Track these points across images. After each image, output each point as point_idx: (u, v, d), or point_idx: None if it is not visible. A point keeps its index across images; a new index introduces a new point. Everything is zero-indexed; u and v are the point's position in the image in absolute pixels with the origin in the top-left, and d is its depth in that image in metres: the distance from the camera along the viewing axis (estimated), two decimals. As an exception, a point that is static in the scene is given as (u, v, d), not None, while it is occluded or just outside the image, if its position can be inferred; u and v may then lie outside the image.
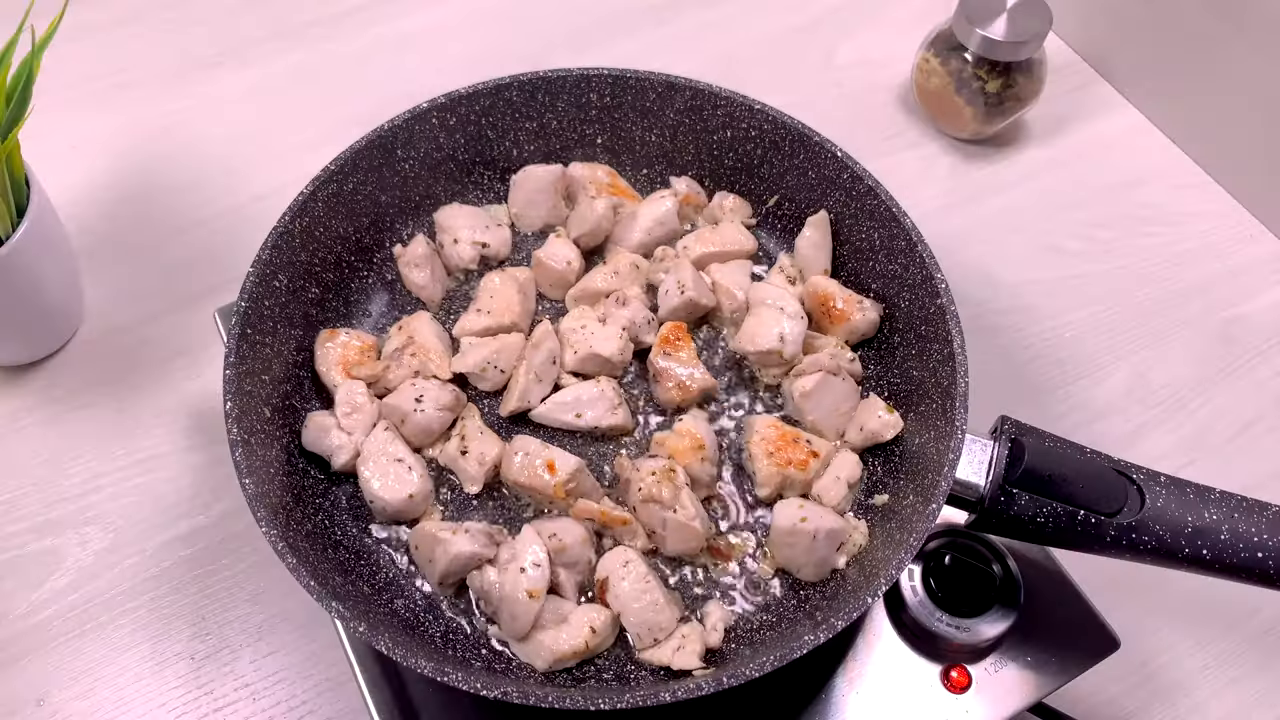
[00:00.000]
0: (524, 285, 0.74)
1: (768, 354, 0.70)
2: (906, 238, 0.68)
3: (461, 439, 0.67)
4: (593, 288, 0.74)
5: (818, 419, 0.69)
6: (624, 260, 0.75)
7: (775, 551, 0.64)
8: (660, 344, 0.70)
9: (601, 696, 0.52)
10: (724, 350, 0.74)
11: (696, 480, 0.66)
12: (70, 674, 0.69)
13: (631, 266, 0.75)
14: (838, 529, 0.63)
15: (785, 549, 0.63)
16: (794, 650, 0.53)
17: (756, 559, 0.66)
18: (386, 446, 0.65)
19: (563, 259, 0.75)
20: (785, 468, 0.65)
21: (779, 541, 0.63)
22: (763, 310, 0.71)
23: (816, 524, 0.62)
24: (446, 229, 0.76)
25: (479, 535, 0.62)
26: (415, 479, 0.65)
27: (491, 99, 0.76)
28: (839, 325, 0.72)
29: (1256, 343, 0.87)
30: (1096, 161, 0.98)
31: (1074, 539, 0.58)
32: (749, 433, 0.68)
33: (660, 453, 0.66)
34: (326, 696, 0.68)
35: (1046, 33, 0.89)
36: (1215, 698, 0.71)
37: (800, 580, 0.64)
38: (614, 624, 0.61)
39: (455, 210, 0.77)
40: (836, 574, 0.64)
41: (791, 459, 0.66)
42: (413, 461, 0.66)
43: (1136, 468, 0.59)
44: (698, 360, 0.70)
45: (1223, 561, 0.56)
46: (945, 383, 0.63)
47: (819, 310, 0.72)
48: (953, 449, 0.59)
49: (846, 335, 0.72)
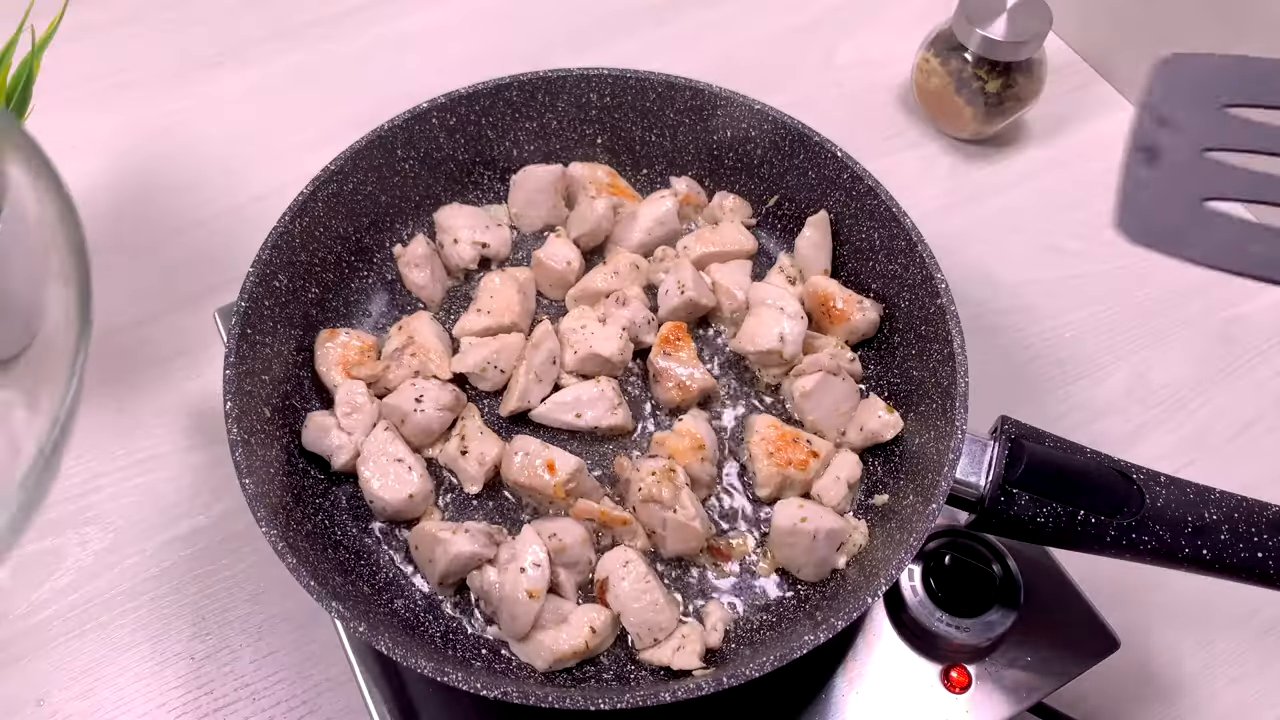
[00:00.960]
0: (524, 285, 0.74)
1: (768, 354, 0.70)
2: (906, 238, 0.68)
3: (462, 439, 0.67)
4: (593, 288, 0.74)
5: (818, 419, 0.69)
6: (624, 260, 0.75)
7: (775, 551, 0.64)
8: (660, 344, 0.70)
9: (601, 696, 0.52)
10: (724, 350, 0.74)
11: (696, 480, 0.66)
12: (70, 674, 0.69)
13: (631, 266, 0.75)
14: (838, 529, 0.63)
15: (785, 549, 0.63)
16: (794, 650, 0.53)
17: (756, 558, 0.66)
18: (386, 446, 0.66)
19: (563, 259, 0.75)
20: (785, 468, 0.65)
21: (779, 541, 0.63)
22: (763, 310, 0.71)
23: (816, 524, 0.62)
24: (446, 229, 0.76)
25: (479, 535, 0.62)
26: (415, 479, 0.65)
27: (491, 99, 0.76)
28: (839, 325, 0.72)
29: (1256, 343, 0.87)
30: (1096, 161, 0.98)
31: (1074, 539, 0.58)
32: (749, 432, 0.68)
33: (660, 453, 0.66)
34: (326, 696, 0.68)
35: (1046, 33, 0.89)
36: (1215, 698, 0.71)
37: (800, 580, 0.64)
38: (614, 624, 0.61)
39: (455, 210, 0.77)
40: (836, 574, 0.64)
41: (791, 459, 0.66)
42: (413, 461, 0.66)
43: (1136, 468, 0.59)
44: (698, 360, 0.70)
45: (1223, 561, 0.56)
46: (945, 383, 0.63)
47: (819, 310, 0.72)
48: (953, 449, 0.59)
49: (846, 335, 0.72)
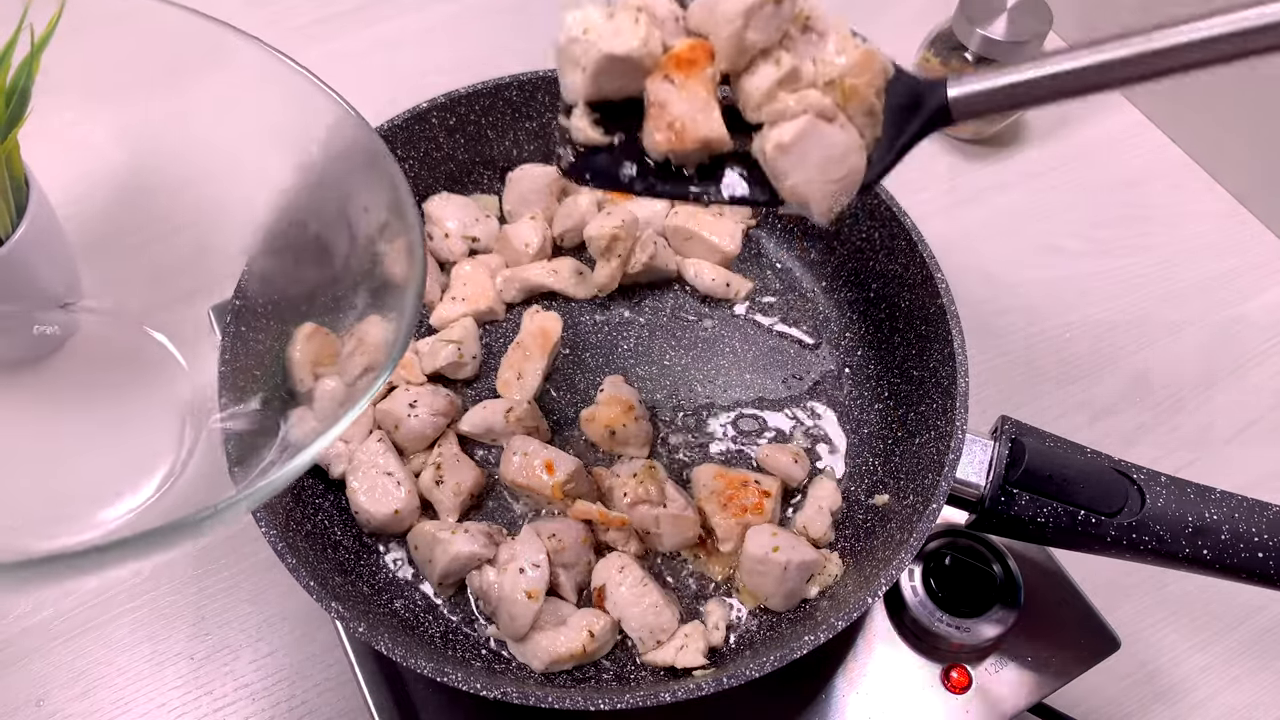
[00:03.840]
0: (495, 270, 0.76)
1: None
2: (907, 237, 0.68)
3: (437, 468, 0.66)
4: None
5: (799, 183, 0.46)
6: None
7: (745, 578, 0.63)
8: (671, 62, 0.46)
9: (601, 697, 0.52)
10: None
11: (634, 438, 0.67)
12: (70, 674, 0.69)
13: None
14: (810, 561, 0.61)
15: (755, 576, 0.62)
16: (794, 650, 0.53)
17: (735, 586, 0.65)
18: (377, 458, 0.65)
19: (523, 240, 0.75)
20: (742, 516, 0.64)
21: (749, 568, 0.62)
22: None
23: (788, 556, 0.60)
24: (436, 220, 0.76)
25: (478, 535, 0.62)
26: (402, 495, 0.64)
27: (491, 98, 0.76)
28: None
29: (1256, 343, 0.87)
30: (1096, 161, 0.98)
31: (1075, 539, 0.59)
32: (695, 487, 0.67)
33: (591, 428, 0.68)
34: (326, 696, 0.68)
35: (1046, 33, 0.89)
36: (1215, 698, 0.71)
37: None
38: (613, 629, 0.61)
39: (445, 200, 0.77)
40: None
41: (746, 505, 0.64)
42: (402, 476, 0.65)
43: (1137, 468, 0.59)
44: (713, 101, 0.46)
45: (1223, 561, 0.56)
46: (945, 382, 0.63)
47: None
48: (953, 449, 0.59)
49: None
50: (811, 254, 0.78)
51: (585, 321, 0.75)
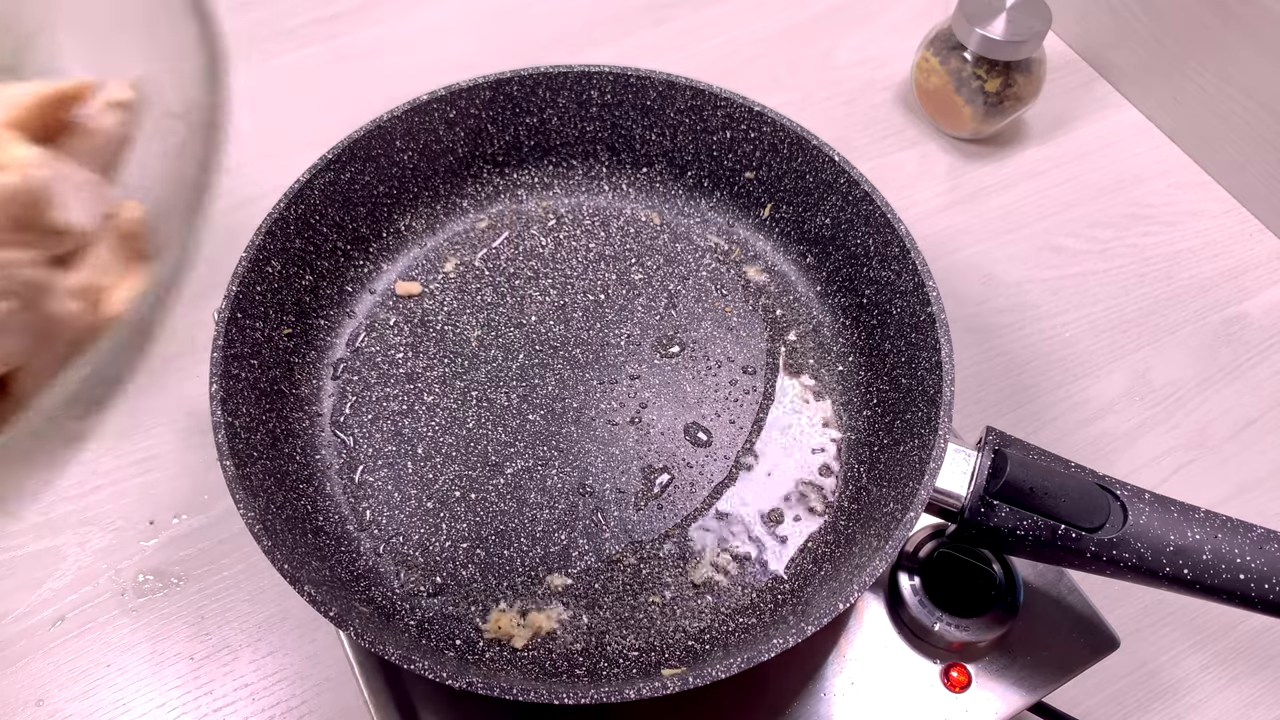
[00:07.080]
0: None
1: None
2: (900, 244, 0.68)
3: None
4: None
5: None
6: None
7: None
8: None
9: (567, 691, 0.52)
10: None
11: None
12: (70, 674, 0.69)
13: None
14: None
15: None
16: (762, 653, 0.53)
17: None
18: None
19: None
20: None
21: None
22: None
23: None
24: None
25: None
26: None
27: (492, 93, 0.76)
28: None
29: (1256, 343, 0.87)
30: (1096, 161, 0.98)
31: (1054, 553, 0.58)
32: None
33: None
34: (326, 696, 0.68)
35: (1046, 32, 0.89)
36: (1215, 697, 0.71)
37: (782, 588, 0.64)
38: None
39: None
40: (813, 579, 0.63)
41: None
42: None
43: (1121, 484, 0.58)
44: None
45: (1203, 582, 0.56)
46: (931, 391, 0.63)
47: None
48: (934, 458, 0.58)
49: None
50: (808, 259, 0.78)
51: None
